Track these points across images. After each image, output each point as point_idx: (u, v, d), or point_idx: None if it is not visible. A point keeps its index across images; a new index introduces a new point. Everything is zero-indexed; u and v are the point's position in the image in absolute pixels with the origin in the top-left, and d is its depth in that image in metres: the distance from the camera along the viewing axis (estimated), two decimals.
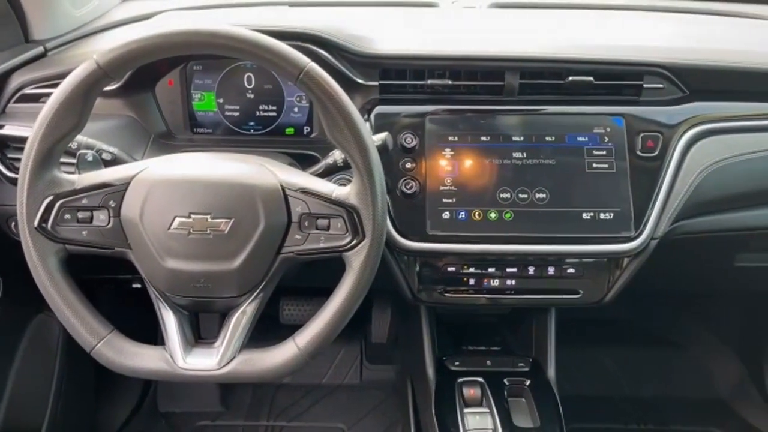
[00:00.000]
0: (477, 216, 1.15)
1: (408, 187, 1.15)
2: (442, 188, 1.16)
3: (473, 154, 1.18)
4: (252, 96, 1.29)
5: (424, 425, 1.32)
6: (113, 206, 0.93)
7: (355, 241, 0.93)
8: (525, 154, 1.18)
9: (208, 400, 1.93)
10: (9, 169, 1.20)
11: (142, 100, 1.26)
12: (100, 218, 0.93)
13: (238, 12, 1.47)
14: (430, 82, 1.21)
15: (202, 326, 1.04)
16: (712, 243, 1.31)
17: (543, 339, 1.38)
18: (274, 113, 1.29)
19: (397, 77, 1.22)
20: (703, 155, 1.19)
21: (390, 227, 1.15)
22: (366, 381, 2.05)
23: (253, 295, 0.96)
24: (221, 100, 1.29)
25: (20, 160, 0.90)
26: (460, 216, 1.15)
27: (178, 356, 0.95)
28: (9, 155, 1.21)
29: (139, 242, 0.93)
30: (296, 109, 1.29)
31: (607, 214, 1.15)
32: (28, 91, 1.22)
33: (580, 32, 1.38)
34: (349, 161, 0.93)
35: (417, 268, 1.20)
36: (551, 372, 1.35)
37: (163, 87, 1.27)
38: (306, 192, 0.94)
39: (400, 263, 1.20)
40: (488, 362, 1.34)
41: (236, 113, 1.30)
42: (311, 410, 1.97)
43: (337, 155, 1.06)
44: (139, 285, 0.99)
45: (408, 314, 1.57)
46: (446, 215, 1.15)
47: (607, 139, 1.18)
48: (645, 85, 1.22)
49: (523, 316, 1.45)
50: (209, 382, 0.98)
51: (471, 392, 1.25)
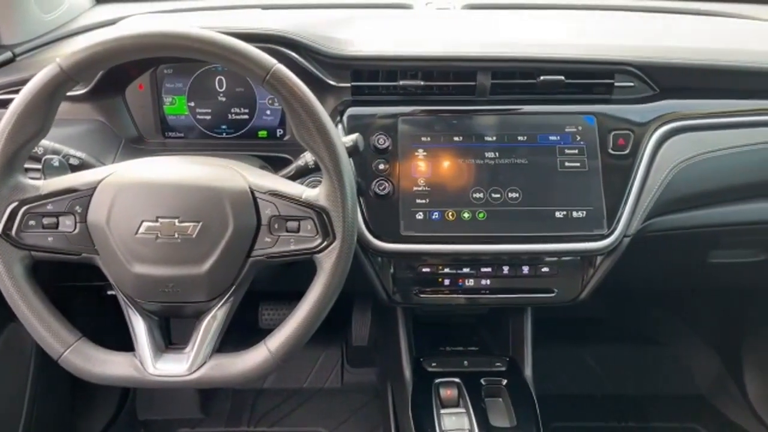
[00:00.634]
0: (450, 216, 1.15)
1: (381, 188, 1.15)
2: (416, 189, 1.16)
3: (446, 155, 1.17)
4: (224, 99, 1.28)
5: (402, 427, 1.31)
6: (79, 211, 0.92)
7: (326, 243, 0.92)
8: (497, 154, 1.18)
9: (188, 408, 1.91)
10: None
11: (112, 105, 1.24)
12: (66, 224, 0.92)
13: (210, 15, 1.46)
14: (403, 83, 1.21)
15: (176, 332, 1.03)
16: (685, 240, 1.32)
17: (520, 338, 1.38)
18: (246, 116, 1.29)
19: (370, 78, 1.22)
20: (674, 152, 1.20)
21: (363, 229, 1.15)
22: (347, 384, 2.04)
23: (224, 300, 0.95)
24: (192, 104, 1.28)
25: None
26: (434, 216, 1.15)
27: (148, 362, 0.93)
28: None
29: (106, 248, 0.92)
30: (268, 112, 1.29)
31: (580, 213, 1.16)
32: None
33: (552, 32, 1.38)
34: (318, 163, 0.92)
35: (391, 270, 1.20)
36: (528, 371, 1.35)
37: (134, 91, 1.26)
38: (275, 194, 0.93)
39: (375, 265, 1.19)
40: (465, 362, 1.34)
41: (208, 117, 1.29)
42: (292, 415, 1.95)
43: (308, 157, 1.06)
44: (114, 292, 0.98)
45: (386, 316, 1.56)
46: (420, 216, 1.15)
47: (579, 138, 1.19)
48: (616, 84, 1.23)
49: (501, 316, 1.45)
50: (180, 388, 0.97)
51: (448, 393, 1.24)
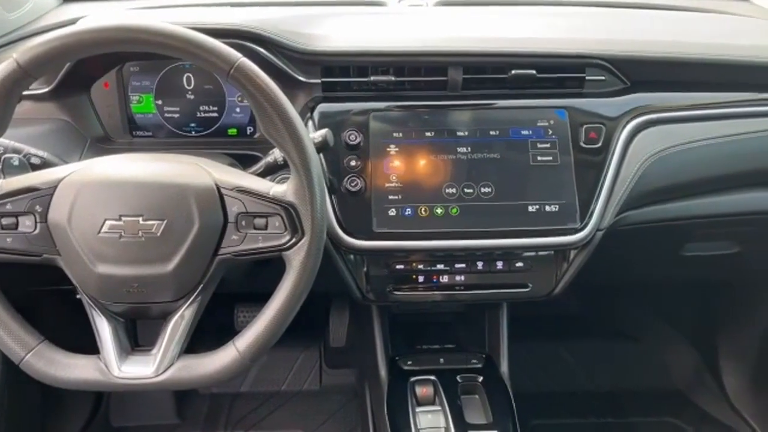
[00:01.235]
0: (423, 212, 1.14)
1: (353, 185, 1.14)
2: (388, 185, 1.15)
3: (418, 150, 1.16)
4: (192, 97, 1.26)
5: (378, 426, 1.30)
6: (40, 211, 0.89)
7: (294, 240, 0.91)
8: (470, 149, 1.17)
9: (163, 412, 1.88)
10: None
11: (77, 104, 1.22)
12: (26, 224, 0.89)
13: (177, 12, 1.43)
14: (374, 79, 1.20)
15: (145, 333, 1.01)
16: (659, 233, 1.33)
17: (496, 334, 1.38)
18: (216, 114, 1.27)
19: (340, 74, 1.20)
20: (646, 145, 1.20)
21: (335, 226, 1.13)
22: (326, 386, 2.02)
23: (191, 299, 0.93)
24: (160, 102, 1.26)
25: None
26: (407, 213, 1.14)
27: (113, 365, 0.91)
28: None
29: (68, 248, 0.89)
30: (238, 110, 1.27)
31: (553, 207, 1.15)
32: None
33: (523, 27, 1.38)
34: (285, 157, 0.91)
35: (365, 268, 1.18)
36: (504, 367, 1.34)
37: (99, 89, 1.24)
38: (242, 191, 0.91)
39: (348, 263, 1.18)
40: (441, 360, 1.33)
41: (176, 115, 1.26)
42: (270, 418, 1.93)
43: (277, 153, 1.04)
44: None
45: (363, 316, 1.55)
46: (392, 212, 1.14)
47: (551, 132, 1.18)
48: (587, 78, 1.22)
49: (477, 313, 1.45)
50: (149, 391, 0.94)
51: (423, 391, 1.23)
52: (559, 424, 1.92)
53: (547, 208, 1.15)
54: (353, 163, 1.15)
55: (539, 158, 1.17)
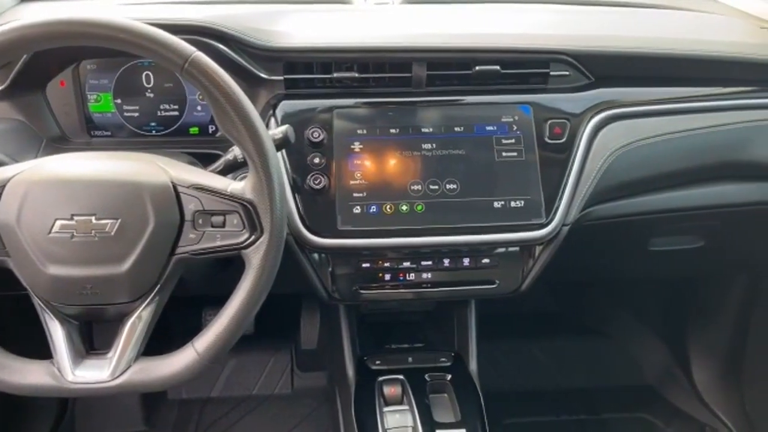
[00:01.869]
0: (389, 209, 1.13)
1: (317, 183, 1.12)
2: (352, 182, 1.13)
3: (383, 147, 1.15)
4: (152, 95, 1.23)
5: (346, 428, 1.28)
6: None
7: (253, 237, 0.89)
8: (435, 146, 1.16)
9: (130, 419, 1.84)
10: None
11: (32, 103, 1.18)
12: None
13: (136, 8, 1.40)
14: (337, 76, 1.18)
15: (103, 337, 0.98)
16: (625, 228, 1.33)
17: (464, 333, 1.37)
18: (177, 113, 1.24)
19: (303, 71, 1.19)
20: (610, 140, 1.20)
21: (299, 225, 1.11)
22: (297, 390, 1.99)
23: (148, 300, 0.91)
24: (119, 101, 1.23)
25: None
26: (372, 210, 1.13)
27: (67, 370, 0.88)
28: None
29: (18, 249, 0.86)
30: (199, 108, 1.24)
31: (518, 202, 1.15)
32: None
33: (488, 24, 1.38)
34: (244, 154, 0.89)
35: (330, 267, 1.17)
36: (473, 365, 1.34)
37: (55, 88, 1.21)
38: (199, 188, 0.89)
39: (313, 262, 1.16)
40: (410, 359, 1.32)
41: (136, 114, 1.24)
42: (240, 423, 1.90)
43: (237, 151, 1.02)
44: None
45: (333, 317, 1.53)
46: (357, 210, 1.12)
47: (516, 128, 1.18)
48: (551, 73, 1.22)
49: (446, 312, 1.44)
50: (102, 396, 0.92)
51: (391, 390, 1.22)
52: (532, 423, 1.92)
53: (513, 204, 1.14)
54: (317, 161, 1.13)
55: (504, 154, 1.16)
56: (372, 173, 1.14)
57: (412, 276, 1.18)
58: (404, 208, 1.13)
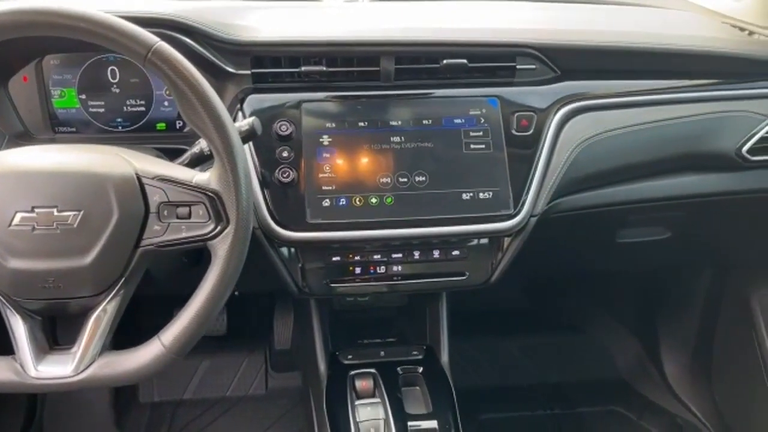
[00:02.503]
0: (358, 202, 1.13)
1: (285, 176, 1.11)
2: (321, 176, 1.13)
3: (351, 140, 1.15)
4: (117, 91, 1.22)
5: (318, 422, 1.28)
6: None
7: (219, 228, 0.88)
8: (403, 139, 1.16)
9: (100, 422, 1.81)
10: None
11: None
12: None
13: (100, 1, 1.39)
14: (305, 69, 1.18)
15: (69, 333, 0.96)
16: (592, 220, 1.34)
17: (436, 326, 1.37)
18: (143, 108, 1.23)
19: (271, 65, 1.18)
20: (576, 132, 1.22)
21: (268, 218, 1.11)
22: (272, 390, 1.98)
23: (113, 293, 0.89)
24: (84, 97, 1.21)
25: None
26: (341, 203, 1.13)
27: (29, 365, 0.87)
28: None
29: None
30: (166, 103, 1.23)
31: (487, 194, 1.15)
32: None
33: (456, 19, 1.39)
34: (209, 145, 0.88)
35: (300, 261, 1.16)
36: (445, 357, 1.34)
37: (18, 83, 1.18)
38: (164, 179, 0.89)
39: (282, 257, 1.16)
40: (382, 353, 1.32)
41: (101, 110, 1.22)
42: (214, 425, 1.88)
43: (204, 144, 1.01)
44: None
45: (306, 316, 1.53)
46: (326, 203, 1.12)
47: (483, 121, 1.19)
48: (518, 67, 1.23)
49: (418, 306, 1.44)
50: (65, 391, 0.90)
51: (363, 384, 1.22)
52: (508, 418, 1.93)
53: (481, 196, 1.15)
54: (285, 155, 1.13)
55: (472, 146, 1.17)
56: (341, 166, 1.14)
57: (383, 269, 1.18)
58: (374, 201, 1.13)
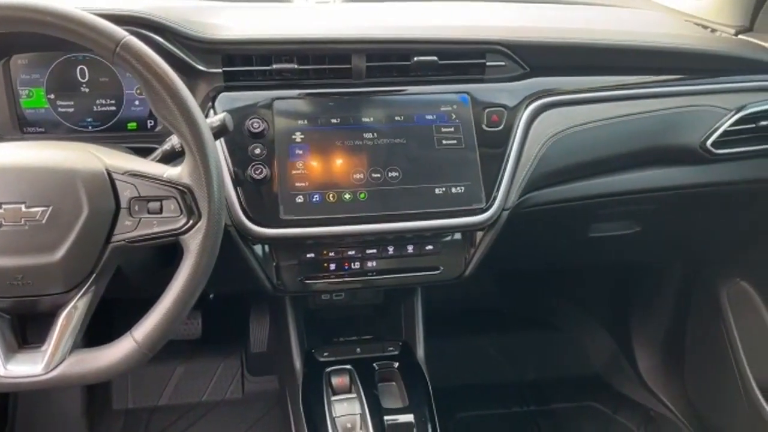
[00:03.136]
0: (331, 198, 1.13)
1: (258, 173, 1.11)
2: (294, 172, 1.13)
3: (324, 137, 1.16)
4: (87, 90, 1.20)
5: (295, 419, 1.27)
6: None
7: (191, 222, 0.88)
8: (376, 135, 1.17)
9: (73, 430, 1.78)
10: None
11: None
12: None
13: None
14: (276, 67, 1.18)
15: (38, 331, 0.95)
16: (564, 214, 1.36)
17: (411, 321, 1.38)
18: (114, 108, 1.22)
19: (242, 63, 1.18)
20: (545, 127, 1.24)
21: (241, 215, 1.11)
22: (249, 394, 1.96)
23: (83, 290, 0.88)
24: (52, 96, 1.20)
25: None
26: (314, 199, 1.13)
27: None
28: None
29: None
30: (137, 102, 1.22)
31: (459, 189, 1.17)
32: None
33: (427, 18, 1.41)
34: (179, 139, 0.88)
35: (274, 257, 1.16)
36: (420, 352, 1.35)
37: None
38: (134, 174, 0.88)
39: (256, 254, 1.15)
40: (358, 350, 1.32)
41: (71, 109, 1.21)
42: (190, 430, 1.86)
43: (175, 140, 1.01)
44: None
45: (282, 318, 1.52)
46: (300, 199, 1.12)
47: (455, 117, 1.20)
48: (488, 64, 1.25)
49: (394, 304, 1.45)
50: (35, 389, 0.89)
51: (339, 380, 1.22)
52: (484, 415, 1.94)
53: (453, 190, 1.16)
54: (257, 151, 1.13)
55: (444, 142, 1.18)
56: (314, 163, 1.14)
57: (357, 264, 1.19)
58: (347, 197, 1.14)
